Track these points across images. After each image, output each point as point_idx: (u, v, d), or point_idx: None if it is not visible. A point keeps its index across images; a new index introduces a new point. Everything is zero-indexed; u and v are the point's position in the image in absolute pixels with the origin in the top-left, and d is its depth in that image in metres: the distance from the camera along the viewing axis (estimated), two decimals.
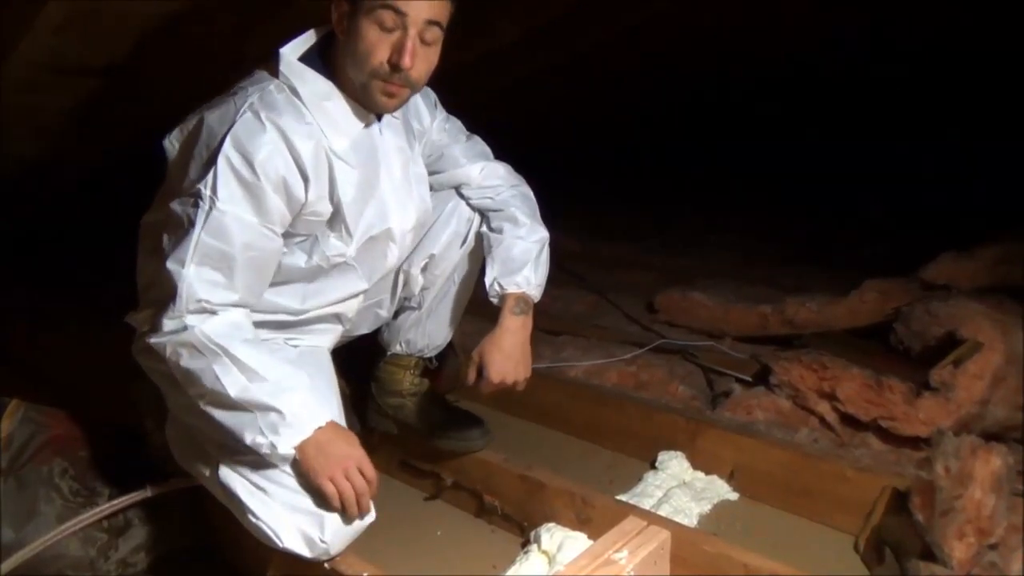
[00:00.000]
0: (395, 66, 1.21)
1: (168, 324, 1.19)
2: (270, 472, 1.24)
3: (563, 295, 2.61)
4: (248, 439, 1.19)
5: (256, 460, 1.23)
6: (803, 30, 3.80)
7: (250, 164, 1.19)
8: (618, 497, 1.53)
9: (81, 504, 1.41)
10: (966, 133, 4.09)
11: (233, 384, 1.18)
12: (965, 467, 1.41)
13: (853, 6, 3.46)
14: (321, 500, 1.23)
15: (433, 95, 1.54)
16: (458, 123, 1.56)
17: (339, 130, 1.30)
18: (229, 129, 1.20)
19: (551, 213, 1.56)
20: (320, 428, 1.22)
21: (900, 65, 4.20)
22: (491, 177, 1.53)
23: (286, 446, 1.19)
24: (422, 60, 1.24)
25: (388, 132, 1.38)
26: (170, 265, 1.20)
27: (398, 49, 1.21)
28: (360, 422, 1.68)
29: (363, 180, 1.33)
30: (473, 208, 1.53)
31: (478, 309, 2.41)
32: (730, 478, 1.63)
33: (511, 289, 1.42)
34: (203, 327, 1.19)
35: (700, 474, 1.65)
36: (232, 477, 1.26)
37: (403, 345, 1.62)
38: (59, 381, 1.93)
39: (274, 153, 1.21)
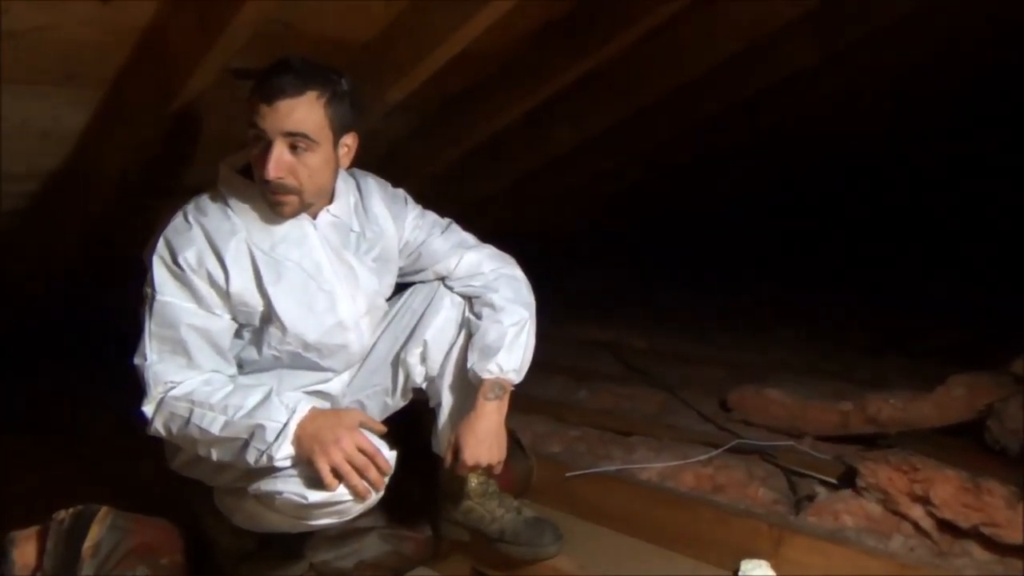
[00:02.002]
0: (263, 179, 1.32)
1: (148, 410, 1.31)
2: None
3: (631, 393, 2.57)
4: (252, 462, 1.25)
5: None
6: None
7: (175, 258, 1.34)
8: None
9: None
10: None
11: (213, 423, 1.27)
12: None
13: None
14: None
15: (403, 193, 1.62)
16: (432, 216, 1.63)
17: (262, 228, 1.40)
18: (162, 232, 1.37)
19: (611, 311, 1.56)
20: (304, 418, 1.26)
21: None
22: (470, 266, 1.58)
23: (281, 451, 1.24)
24: (298, 170, 1.34)
25: (328, 229, 1.46)
26: (136, 361, 1.33)
27: (264, 163, 1.31)
28: (432, 530, 1.66)
29: (302, 274, 1.42)
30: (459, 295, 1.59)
31: (547, 408, 2.42)
32: None
33: (485, 376, 1.45)
34: (169, 394, 1.30)
35: None
36: (261, 484, 1.29)
37: None
38: (138, 485, 1.97)
39: (197, 248, 1.35)
